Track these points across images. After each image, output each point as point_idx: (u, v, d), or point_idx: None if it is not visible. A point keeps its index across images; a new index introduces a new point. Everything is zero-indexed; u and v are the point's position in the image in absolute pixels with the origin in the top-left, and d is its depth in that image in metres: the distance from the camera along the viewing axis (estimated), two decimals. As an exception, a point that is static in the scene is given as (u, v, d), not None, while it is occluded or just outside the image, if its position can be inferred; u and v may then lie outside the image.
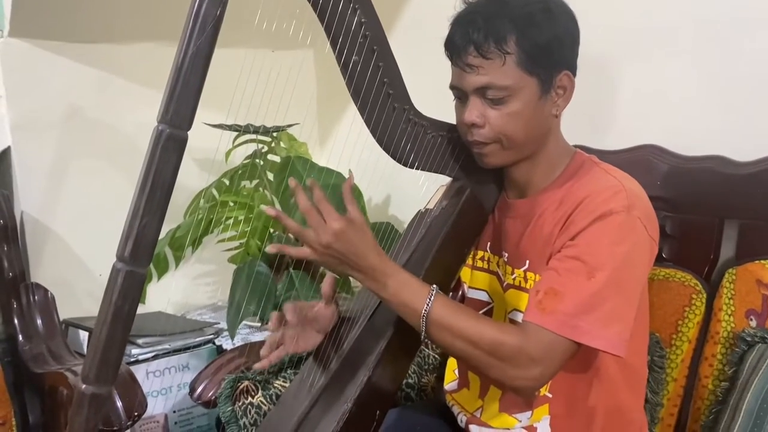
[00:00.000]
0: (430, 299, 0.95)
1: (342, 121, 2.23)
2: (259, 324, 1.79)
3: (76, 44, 1.89)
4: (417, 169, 1.09)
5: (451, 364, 1.25)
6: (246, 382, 1.25)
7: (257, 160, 1.91)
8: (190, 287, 2.13)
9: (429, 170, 1.10)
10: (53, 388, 1.48)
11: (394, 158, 1.07)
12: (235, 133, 1.86)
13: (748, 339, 1.12)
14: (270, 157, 1.93)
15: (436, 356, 1.48)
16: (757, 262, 1.18)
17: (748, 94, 1.31)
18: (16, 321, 1.65)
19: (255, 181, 1.91)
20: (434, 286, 0.96)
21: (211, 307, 2.13)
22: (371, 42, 0.99)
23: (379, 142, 1.05)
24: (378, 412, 1.01)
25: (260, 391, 1.25)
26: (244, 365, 1.31)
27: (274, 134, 1.89)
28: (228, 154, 1.89)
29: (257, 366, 1.05)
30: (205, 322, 1.90)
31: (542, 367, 0.94)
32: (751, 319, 1.15)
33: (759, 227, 1.23)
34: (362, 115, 1.03)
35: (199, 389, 1.32)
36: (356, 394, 0.97)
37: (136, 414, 1.23)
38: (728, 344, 1.16)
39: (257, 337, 1.77)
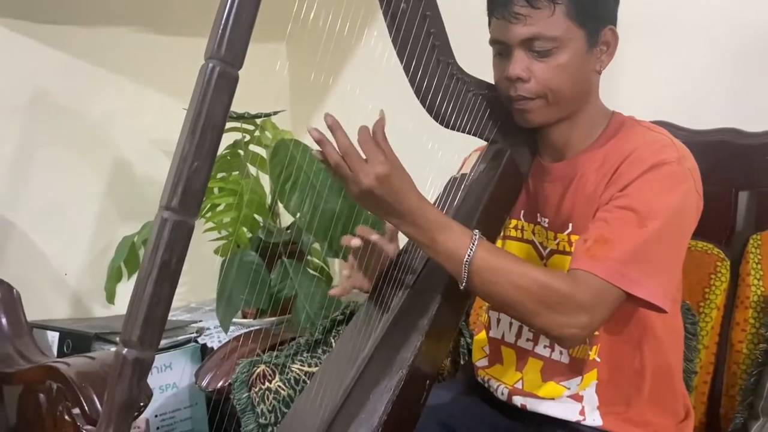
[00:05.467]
0: (473, 244, 0.89)
1: (318, 113, 2.17)
2: (252, 319, 1.69)
3: (43, 24, 1.77)
4: (456, 129, 1.05)
5: (479, 341, 1.20)
6: (262, 367, 1.16)
7: (239, 151, 1.82)
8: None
9: (468, 132, 1.06)
10: (30, 388, 1.34)
11: (436, 118, 1.02)
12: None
13: (783, 300, 1.13)
14: (252, 147, 1.84)
15: (449, 340, 1.43)
16: (782, 226, 1.20)
17: (755, 65, 1.34)
18: (-21, 319, 1.50)
19: (235, 173, 1.82)
20: (477, 231, 0.91)
21: (185, 308, 2.01)
22: (420, -11, 0.95)
23: (422, 100, 1.00)
24: (428, 381, 0.95)
25: (278, 376, 1.16)
26: (259, 349, 1.21)
27: (258, 121, 1.81)
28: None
29: (334, 292, 1.02)
30: (186, 321, 1.78)
31: (590, 315, 0.90)
32: (781, 282, 1.16)
33: (774, 195, 1.25)
34: (407, 71, 0.98)
35: (207, 378, 1.21)
36: (411, 359, 0.90)
37: (141, 405, 1.12)
38: (760, 308, 1.16)
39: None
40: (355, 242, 1.03)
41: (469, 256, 0.89)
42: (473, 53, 1.05)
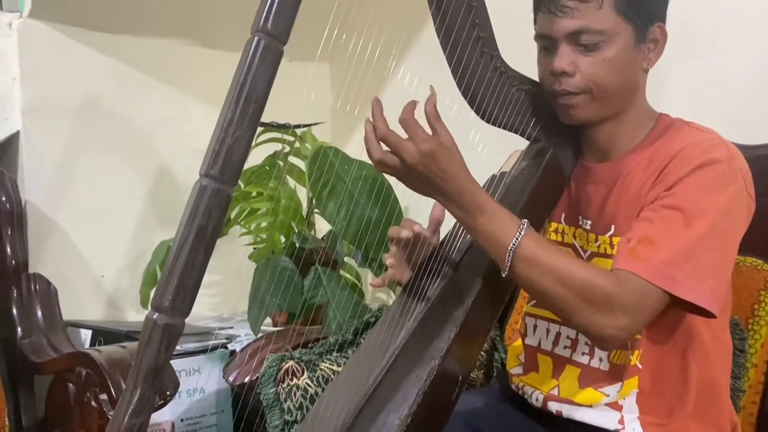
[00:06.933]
0: (520, 232, 0.87)
1: (359, 132, 2.19)
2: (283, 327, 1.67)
3: (97, 32, 1.82)
4: (498, 125, 1.04)
5: (514, 350, 1.17)
6: (291, 363, 1.14)
7: (278, 161, 1.83)
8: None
9: (510, 129, 1.05)
10: (60, 377, 1.34)
11: (477, 112, 1.02)
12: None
13: (838, 317, 1.07)
14: (291, 159, 1.85)
15: (483, 353, 1.39)
16: (837, 242, 1.14)
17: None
18: (15, 310, 1.52)
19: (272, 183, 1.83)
20: (525, 220, 0.89)
21: (216, 318, 2.00)
22: (467, -20, 0.95)
23: (464, 92, 1.00)
24: (460, 378, 0.92)
25: (306, 373, 1.14)
26: (289, 345, 1.20)
27: (298, 132, 1.82)
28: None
29: (376, 282, 1.00)
30: (217, 327, 1.77)
31: (633, 316, 0.87)
32: (836, 299, 1.11)
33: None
34: (450, 62, 0.97)
35: (235, 374, 1.20)
36: (444, 350, 0.88)
37: (168, 393, 1.10)
38: (813, 325, 1.11)
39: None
40: (406, 233, 1.01)
41: (514, 244, 0.87)
42: (517, 55, 1.04)
